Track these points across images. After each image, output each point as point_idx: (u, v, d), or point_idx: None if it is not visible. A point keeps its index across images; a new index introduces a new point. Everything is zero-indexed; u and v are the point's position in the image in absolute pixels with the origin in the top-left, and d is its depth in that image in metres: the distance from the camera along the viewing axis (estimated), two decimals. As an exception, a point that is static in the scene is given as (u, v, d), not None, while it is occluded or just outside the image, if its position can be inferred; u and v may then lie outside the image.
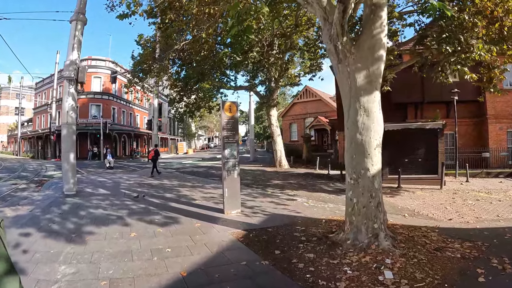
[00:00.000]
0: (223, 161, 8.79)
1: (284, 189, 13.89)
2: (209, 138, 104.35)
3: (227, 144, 8.82)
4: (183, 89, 25.15)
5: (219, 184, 14.40)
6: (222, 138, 8.88)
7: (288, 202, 10.76)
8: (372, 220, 6.04)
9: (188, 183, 15.22)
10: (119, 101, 45.02)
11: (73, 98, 12.03)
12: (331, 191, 13.40)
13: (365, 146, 6.19)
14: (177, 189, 13.03)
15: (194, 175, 19.05)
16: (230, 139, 8.88)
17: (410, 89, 22.75)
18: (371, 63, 6.25)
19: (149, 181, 15.75)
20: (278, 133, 24.54)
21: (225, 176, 8.79)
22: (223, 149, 8.80)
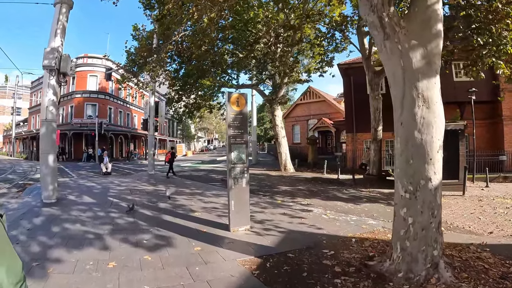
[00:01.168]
0: (229, 166, 7.07)
1: (295, 197, 12.23)
2: (208, 140, 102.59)
3: (234, 145, 7.10)
4: (182, 88, 23.61)
5: (221, 191, 12.79)
6: (227, 138, 7.13)
7: (304, 214, 9.09)
8: (432, 245, 4.58)
9: (186, 189, 13.44)
10: (116, 100, 43.28)
11: (54, 91, 10.31)
12: (348, 199, 11.72)
13: (425, 148, 4.59)
14: (173, 197, 11.25)
15: (193, 179, 17.31)
16: (237, 140, 7.16)
17: None
18: (428, 39, 4.67)
19: (142, 187, 13.99)
20: (283, 134, 22.85)
21: (231, 185, 7.09)
22: (228, 152, 7.08)
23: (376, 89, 18.33)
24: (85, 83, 40.07)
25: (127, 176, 18.91)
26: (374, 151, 18.48)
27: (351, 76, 24.12)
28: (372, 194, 13.18)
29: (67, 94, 40.53)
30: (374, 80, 18.34)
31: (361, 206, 10.41)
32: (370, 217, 8.74)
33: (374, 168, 18.44)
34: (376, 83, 18.36)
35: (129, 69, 17.70)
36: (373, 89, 18.41)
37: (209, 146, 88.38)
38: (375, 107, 18.42)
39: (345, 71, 24.31)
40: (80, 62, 40.29)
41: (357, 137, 23.79)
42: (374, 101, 18.38)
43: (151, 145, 20.11)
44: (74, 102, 39.87)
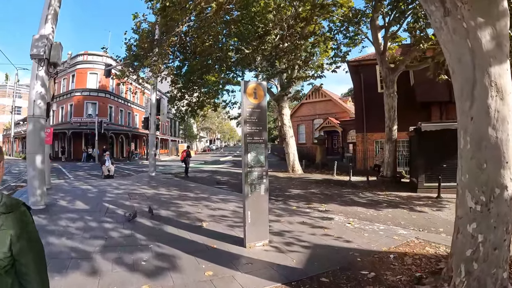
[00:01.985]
0: (245, 170, 5.90)
1: (310, 201, 11.10)
2: (210, 140, 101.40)
3: (251, 145, 5.95)
4: (185, 86, 22.46)
5: (228, 195, 11.68)
6: (243, 137, 5.95)
7: (325, 222, 7.98)
8: (502, 266, 3.74)
9: (190, 193, 12.28)
10: (117, 99, 42.10)
11: (43, 83, 9.09)
12: (367, 204, 10.68)
13: (501, 149, 3.61)
14: (176, 203, 10.10)
15: (196, 181, 16.14)
16: (255, 138, 5.99)
17: (436, 87, 20.24)
18: (496, 17, 3.61)
19: (142, 190, 12.78)
20: (291, 134, 21.66)
21: (247, 193, 5.92)
22: (244, 153, 5.90)
23: (391, 86, 17.19)
24: (85, 81, 38.87)
25: (126, 178, 17.76)
26: (388, 152, 17.33)
27: (361, 73, 23.00)
28: (390, 198, 12.17)
29: (66, 92, 39.46)
30: (389, 76, 17.19)
31: (383, 212, 9.44)
32: (397, 225, 7.77)
33: (388, 170, 17.31)
34: (391, 80, 17.21)
35: (129, 63, 16.46)
36: (388, 86, 17.26)
37: (211, 146, 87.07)
38: (390, 105, 17.26)
39: (355, 69, 23.13)
40: (80, 59, 39.14)
41: (367, 137, 22.61)
42: (389, 99, 17.23)
43: (152, 145, 18.92)
44: (73, 100, 38.70)
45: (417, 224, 7.88)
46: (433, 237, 6.61)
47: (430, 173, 13.32)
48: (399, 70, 17.24)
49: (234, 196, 11.67)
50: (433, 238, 6.55)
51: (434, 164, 13.18)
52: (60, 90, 40.54)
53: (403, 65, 17.07)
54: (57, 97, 40.62)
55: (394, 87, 17.33)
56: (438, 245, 6.02)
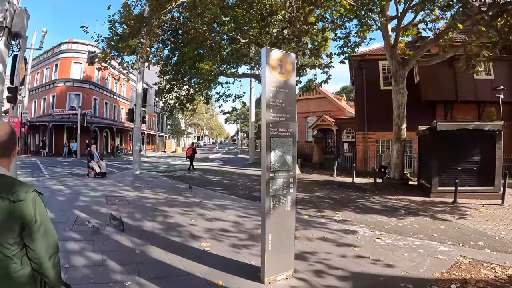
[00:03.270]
0: (266, 176, 4.06)
1: (321, 208, 9.54)
2: (198, 136, 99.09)
3: (276, 140, 4.14)
4: (174, 78, 20.55)
5: (225, 199, 9.96)
6: (265, 129, 4.06)
7: (350, 238, 6.48)
8: None
9: (179, 196, 10.35)
10: (102, 91, 39.54)
11: (1, 59, 7.14)
12: (384, 211, 9.37)
13: None
14: (163, 210, 8.23)
15: (186, 181, 14.08)
16: (280, 130, 4.21)
17: (442, 86, 19.24)
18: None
19: (123, 192, 10.78)
20: (288, 131, 19.84)
21: (268, 209, 4.12)
22: (266, 151, 4.07)
23: (401, 82, 15.72)
24: (69, 70, 36.27)
25: (107, 177, 15.40)
26: (396, 152, 15.85)
27: (363, 69, 21.43)
28: (404, 203, 10.90)
29: (49, 82, 36.96)
30: (398, 71, 15.72)
31: (406, 221, 8.16)
32: (431, 239, 6.59)
33: (396, 172, 15.83)
34: (401, 75, 15.74)
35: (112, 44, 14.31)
36: (398, 81, 15.77)
37: (199, 142, 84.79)
38: (399, 102, 15.76)
39: (357, 64, 21.57)
40: (64, 48, 36.57)
41: (368, 136, 21.04)
42: (399, 95, 15.72)
43: (136, 140, 16.83)
44: (56, 91, 36.11)
45: (451, 236, 6.77)
46: (480, 255, 5.57)
47: (444, 176, 12.05)
48: (409, 65, 15.82)
49: (231, 201, 9.88)
50: (480, 255, 5.53)
51: (449, 166, 12.04)
52: (43, 80, 38.14)
53: (415, 60, 15.67)
54: (39, 87, 38.27)
55: (404, 83, 15.90)
56: (491, 265, 5.02)
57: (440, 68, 19.07)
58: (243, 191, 12.04)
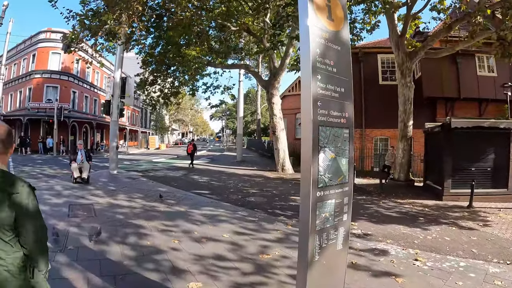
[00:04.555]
0: (311, 196, 2.20)
1: None
2: (183, 133, 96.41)
3: (326, 130, 2.31)
4: (158, 69, 18.59)
5: (217, 207, 8.11)
6: (311, 107, 2.23)
7: (384, 261, 5.06)
8: None
9: (160, 204, 8.37)
10: (82, 83, 36.68)
11: None
12: (402, 220, 7.99)
13: None
14: (138, 226, 6.27)
15: (168, 183, 12.13)
16: (332, 115, 2.39)
17: (445, 82, 18.05)
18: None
19: (92, 199, 8.72)
20: (282, 127, 18.12)
21: (312, 254, 2.26)
22: (313, 150, 2.21)
23: (408, 74, 14.32)
24: (47, 61, 33.54)
25: None
26: (402, 151, 14.38)
27: (361, 62, 19.82)
28: (418, 208, 9.58)
29: (26, 74, 34.16)
30: (405, 63, 14.28)
31: (432, 232, 6.90)
32: (473, 256, 5.43)
33: (401, 172, 14.39)
34: (408, 68, 14.31)
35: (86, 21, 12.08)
36: (404, 74, 14.31)
37: (183, 139, 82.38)
38: (406, 96, 14.29)
39: (354, 57, 19.86)
40: (42, 37, 33.62)
41: (366, 134, 19.47)
42: (405, 89, 14.26)
43: (113, 135, 14.61)
44: (32, 83, 33.26)
45: (491, 251, 5.69)
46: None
47: (458, 178, 10.94)
48: (417, 56, 14.38)
49: (223, 209, 7.98)
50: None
51: (462, 167, 10.96)
52: (20, 71, 35.28)
53: (423, 51, 14.21)
54: (16, 79, 35.45)
55: (411, 76, 14.55)
56: None
57: (442, 63, 17.92)
58: (236, 196, 10.15)
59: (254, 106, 55.22)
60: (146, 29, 18.11)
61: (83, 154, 11.29)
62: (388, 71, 19.70)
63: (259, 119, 47.29)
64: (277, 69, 17.33)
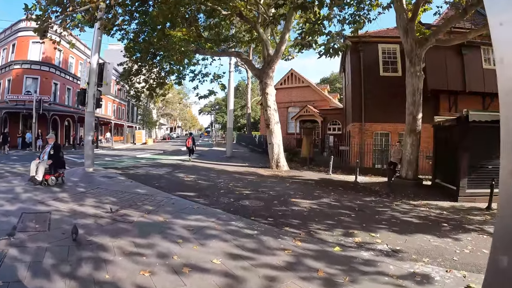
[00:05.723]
0: None
1: (346, 226, 6.45)
2: (171, 127, 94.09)
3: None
4: (143, 57, 16.94)
5: (208, 216, 6.54)
6: None
7: None
8: None
9: (134, 211, 6.67)
10: (64, 75, 34.38)
11: None
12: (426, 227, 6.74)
13: None
14: (97, 245, 4.62)
15: (149, 183, 10.38)
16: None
17: (449, 73, 16.74)
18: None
19: (53, 205, 7.09)
20: (277, 119, 16.55)
21: None
22: None
23: (417, 62, 13.03)
24: (27, 51, 31.35)
25: None
26: (410, 147, 13.04)
27: (360, 52, 18.32)
28: (435, 211, 8.42)
29: (5, 64, 31.83)
30: (415, 51, 12.99)
31: (464, 243, 5.74)
32: None
33: (409, 170, 13.07)
34: (418, 55, 13.01)
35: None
36: (414, 62, 13.00)
37: (171, 134, 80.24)
38: (415, 86, 12.97)
39: (354, 46, 18.36)
40: (23, 26, 31.30)
41: (365, 128, 18.05)
42: (414, 79, 12.94)
43: (89, 128, 12.63)
44: (12, 74, 31.06)
45: None
46: None
47: (474, 177, 9.99)
48: (428, 43, 13.09)
49: (213, 218, 6.34)
50: None
51: (479, 165, 10.01)
52: (-1, 62, 33.12)
53: (434, 38, 12.89)
54: None
55: (420, 65, 13.19)
56: None
57: (447, 54, 16.69)
58: (227, 198, 8.54)
59: (244, 100, 53.51)
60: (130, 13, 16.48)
61: (46, 151, 9.49)
62: (390, 62, 18.32)
63: (249, 113, 45.65)
64: (272, 57, 15.75)
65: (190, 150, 20.34)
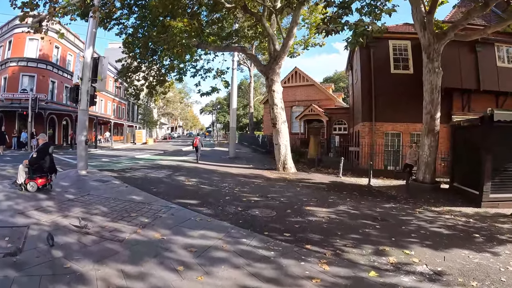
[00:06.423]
0: None
1: (373, 241, 5.53)
2: (172, 127, 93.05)
3: None
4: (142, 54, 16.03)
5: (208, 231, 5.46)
6: None
7: None
8: None
9: (126, 225, 5.67)
10: (62, 73, 33.34)
11: None
12: (458, 240, 5.97)
13: None
14: (76, 276, 3.69)
15: (146, 188, 9.34)
16: None
17: (463, 71, 15.94)
18: None
19: (34, 216, 6.09)
20: (284, 118, 15.58)
21: None
22: None
23: (436, 58, 12.16)
24: (23, 48, 30.33)
25: None
26: (429, 148, 12.18)
27: (371, 48, 17.33)
28: (461, 219, 7.63)
29: (1, 62, 30.89)
30: (433, 45, 12.14)
31: (505, 258, 5.01)
32: None
33: (427, 173, 12.16)
34: (436, 50, 12.12)
35: None
36: (432, 58, 12.10)
37: (172, 133, 79.26)
38: (434, 84, 12.07)
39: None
40: (19, 23, 30.46)
41: (376, 128, 17.09)
42: (432, 76, 12.04)
43: (82, 127, 11.50)
44: (8, 72, 30.05)
45: None
46: None
47: (498, 181, 9.29)
48: (446, 37, 12.14)
49: (219, 233, 5.35)
50: None
51: (503, 168, 9.35)
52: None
53: (454, 31, 12.02)
54: None
55: (439, 60, 12.29)
56: None
57: (460, 52, 15.82)
58: (234, 207, 7.54)
59: (247, 99, 52.50)
60: (128, 7, 15.56)
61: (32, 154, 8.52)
62: (401, 58, 17.35)
63: (252, 112, 44.62)
64: (279, 52, 14.78)
65: (197, 150, 20.02)
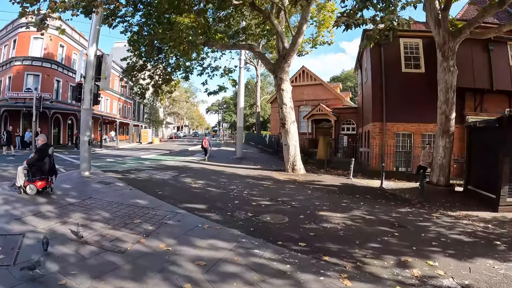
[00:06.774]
0: None
1: (394, 251, 5.10)
2: (178, 126, 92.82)
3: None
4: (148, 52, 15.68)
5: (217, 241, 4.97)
6: None
7: None
8: None
9: (128, 234, 5.29)
10: (67, 72, 33.11)
11: None
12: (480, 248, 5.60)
13: None
14: None
15: (151, 191, 8.95)
16: None
17: (475, 70, 15.62)
18: None
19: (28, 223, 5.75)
20: (293, 118, 15.12)
21: None
22: None
23: (451, 56, 11.70)
24: (28, 47, 30.13)
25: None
26: (443, 150, 11.71)
27: (381, 47, 16.83)
28: (479, 225, 7.27)
29: (6, 61, 30.73)
30: (448, 43, 11.71)
31: None
32: None
33: (441, 175, 11.71)
34: (451, 49, 11.69)
35: None
36: (447, 56, 11.66)
37: (178, 133, 79.04)
38: (449, 83, 11.62)
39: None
40: (24, 21, 30.21)
41: (387, 128, 16.60)
42: (447, 75, 11.59)
43: (85, 127, 11.11)
44: (13, 71, 29.92)
45: None
46: None
47: None
48: (462, 35, 11.71)
49: (230, 243, 4.96)
50: None
51: None
52: (0, 59, 31.94)
53: (469, 29, 11.61)
54: None
55: (454, 59, 11.81)
56: None
57: (473, 51, 15.35)
58: (244, 212, 7.12)
59: (253, 99, 52.04)
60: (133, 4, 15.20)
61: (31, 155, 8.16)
62: (412, 57, 16.86)
63: (258, 111, 44.16)
64: (288, 50, 14.35)
65: (205, 150, 20.59)
